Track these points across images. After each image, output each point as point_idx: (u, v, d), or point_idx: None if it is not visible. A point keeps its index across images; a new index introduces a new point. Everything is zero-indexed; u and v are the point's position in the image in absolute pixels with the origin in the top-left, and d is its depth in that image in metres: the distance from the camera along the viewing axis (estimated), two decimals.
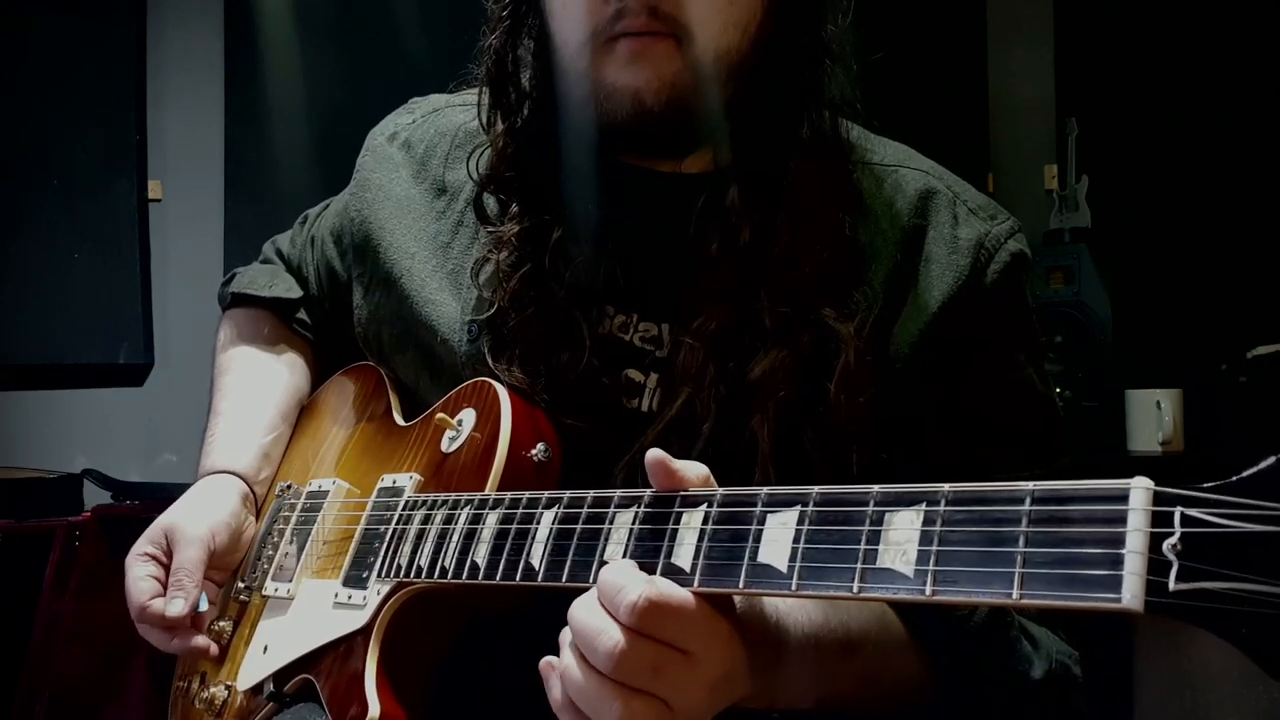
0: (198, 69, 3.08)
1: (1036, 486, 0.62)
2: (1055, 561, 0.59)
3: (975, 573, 0.62)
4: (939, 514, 0.65)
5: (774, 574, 0.71)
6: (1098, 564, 0.58)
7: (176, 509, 1.18)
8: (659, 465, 0.80)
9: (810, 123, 1.02)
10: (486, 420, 1.00)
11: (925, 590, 0.64)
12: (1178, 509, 0.56)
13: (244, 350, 1.33)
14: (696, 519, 0.77)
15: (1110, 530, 0.58)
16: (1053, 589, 0.59)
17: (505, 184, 1.07)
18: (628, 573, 0.75)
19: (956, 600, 0.63)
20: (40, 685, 2.38)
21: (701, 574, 0.75)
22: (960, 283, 1.00)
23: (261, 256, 1.42)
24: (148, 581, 1.12)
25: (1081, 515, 0.59)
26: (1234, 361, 2.67)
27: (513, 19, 1.06)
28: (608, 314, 1.04)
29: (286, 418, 1.30)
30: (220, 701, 1.12)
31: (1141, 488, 0.58)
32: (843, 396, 0.95)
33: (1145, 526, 0.57)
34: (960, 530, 0.64)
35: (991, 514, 0.63)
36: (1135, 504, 0.57)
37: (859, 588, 0.67)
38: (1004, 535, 0.62)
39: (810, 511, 0.72)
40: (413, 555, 0.96)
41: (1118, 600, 0.56)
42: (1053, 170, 3.24)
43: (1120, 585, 0.56)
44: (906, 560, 0.65)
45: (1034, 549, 0.60)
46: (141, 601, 1.10)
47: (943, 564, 0.64)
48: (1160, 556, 0.56)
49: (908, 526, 0.66)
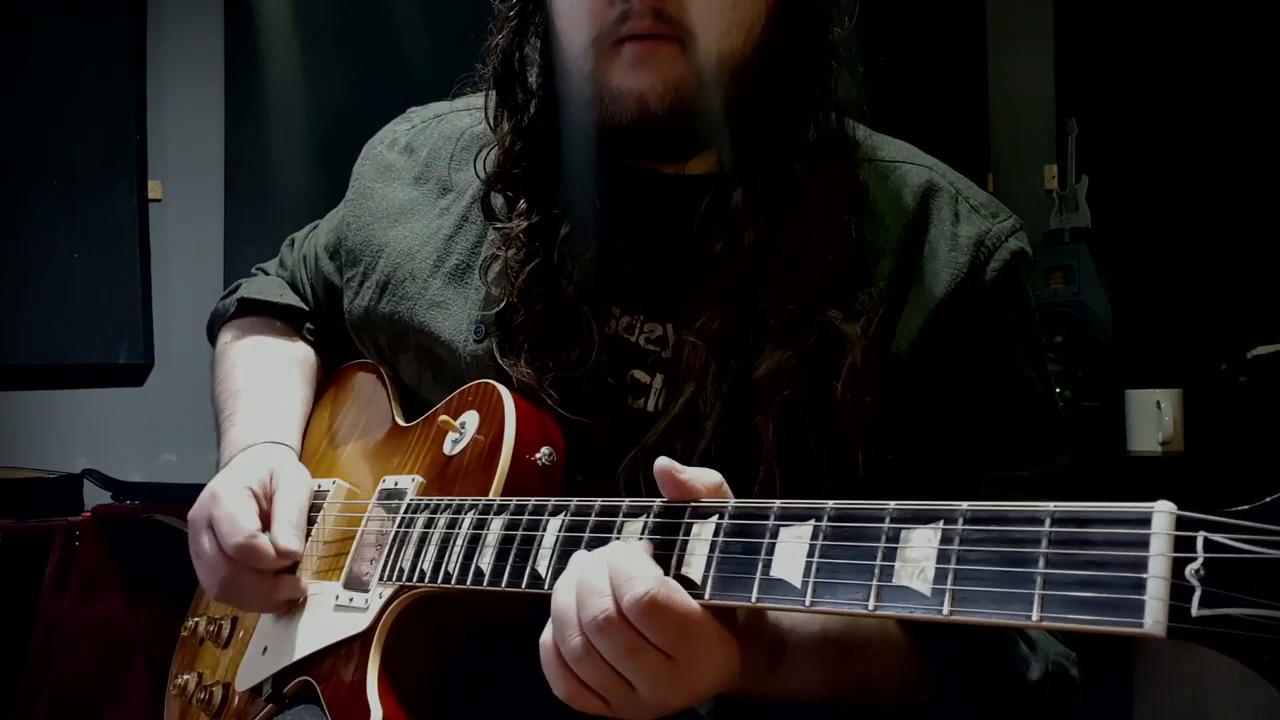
0: (198, 69, 3.07)
1: (1057, 507, 0.62)
2: (1076, 584, 0.59)
3: (995, 593, 0.62)
4: (957, 533, 0.65)
5: (787, 589, 0.71)
6: (1120, 587, 0.57)
7: (272, 456, 1.13)
8: (666, 475, 0.79)
9: (815, 124, 1.02)
10: (490, 423, 1.00)
11: (943, 610, 0.63)
12: (1200, 534, 0.56)
13: (256, 342, 1.31)
14: (708, 530, 0.77)
15: (1133, 554, 0.57)
16: (1073, 611, 0.59)
17: (512, 181, 1.07)
18: (641, 562, 0.75)
19: (975, 621, 0.62)
20: (40, 685, 2.37)
21: (713, 587, 0.74)
22: (959, 280, 1.00)
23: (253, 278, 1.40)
24: (254, 518, 1.04)
25: (1103, 538, 0.59)
26: (1234, 361, 2.66)
27: (520, 19, 1.06)
28: (614, 315, 1.04)
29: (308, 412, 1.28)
30: (218, 701, 1.11)
31: (1164, 512, 0.57)
32: (849, 396, 0.95)
33: (1168, 551, 0.56)
34: (979, 550, 0.64)
35: (1011, 534, 0.63)
36: (1158, 528, 0.57)
37: (875, 605, 0.66)
38: (1024, 556, 0.61)
39: (825, 526, 0.71)
40: (415, 559, 0.95)
41: (1140, 625, 0.56)
42: (1053, 170, 3.23)
43: (1143, 610, 0.56)
44: (924, 579, 0.65)
45: (1054, 570, 0.60)
46: (251, 530, 1.03)
47: (961, 583, 0.63)
48: (1183, 581, 0.55)
49: (925, 544, 0.66)
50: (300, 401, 1.26)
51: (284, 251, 1.39)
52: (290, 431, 1.20)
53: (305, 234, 1.37)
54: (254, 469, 1.10)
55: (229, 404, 1.24)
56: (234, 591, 1.06)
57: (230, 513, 1.04)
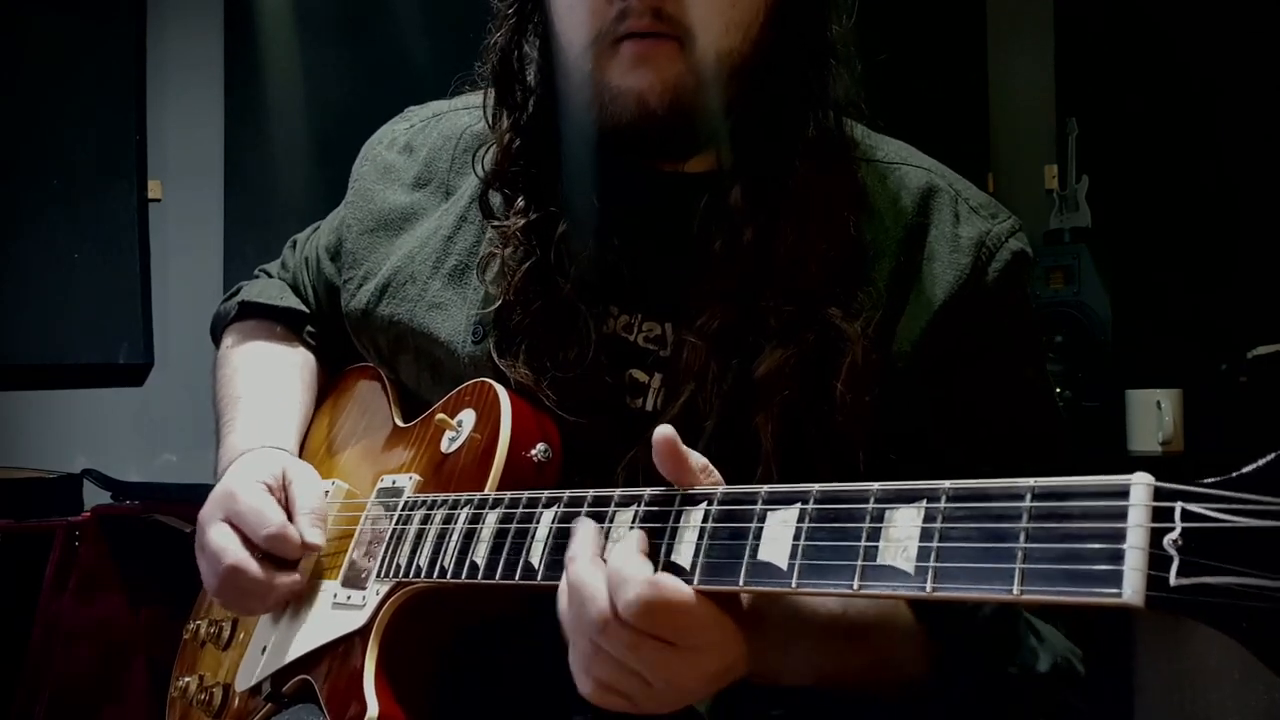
0: (198, 69, 3.07)
1: (1037, 483, 0.62)
2: (1056, 557, 0.60)
3: (975, 569, 0.62)
4: (939, 511, 0.66)
5: (774, 572, 0.71)
6: (1098, 559, 0.58)
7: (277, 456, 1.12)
8: (668, 444, 0.79)
9: (814, 123, 1.02)
10: (486, 421, 1.00)
11: (926, 587, 0.64)
12: (1178, 504, 0.56)
13: (257, 347, 1.31)
14: (697, 517, 0.77)
15: (1111, 526, 0.58)
16: (1053, 585, 0.59)
17: (510, 179, 1.07)
18: (633, 561, 0.75)
19: (957, 596, 0.63)
20: (40, 685, 2.38)
21: (702, 573, 0.75)
22: (961, 281, 1.00)
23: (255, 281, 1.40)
24: (279, 510, 1.04)
25: (1081, 511, 0.60)
26: (1234, 361, 2.67)
27: (518, 17, 1.06)
28: (611, 314, 1.04)
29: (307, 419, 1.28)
30: (218, 702, 1.12)
31: (1142, 483, 0.58)
32: (848, 395, 0.95)
33: (1146, 522, 0.57)
34: (961, 527, 0.64)
35: (992, 510, 0.63)
36: (1136, 499, 0.58)
37: (859, 585, 0.67)
38: (1004, 531, 0.62)
39: (810, 509, 0.72)
40: (412, 555, 0.95)
41: (1118, 595, 0.56)
42: (1053, 170, 3.24)
43: (1121, 580, 0.56)
44: (907, 557, 0.66)
45: (1034, 545, 0.61)
46: (280, 520, 1.02)
47: (943, 560, 0.64)
48: (1161, 551, 0.56)
49: (908, 524, 0.67)
50: (299, 407, 1.25)
51: (285, 253, 1.39)
52: (288, 438, 1.20)
53: (306, 235, 1.37)
54: (265, 466, 1.09)
55: (228, 410, 1.24)
56: (234, 589, 1.04)
57: (255, 506, 1.03)
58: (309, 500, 1.05)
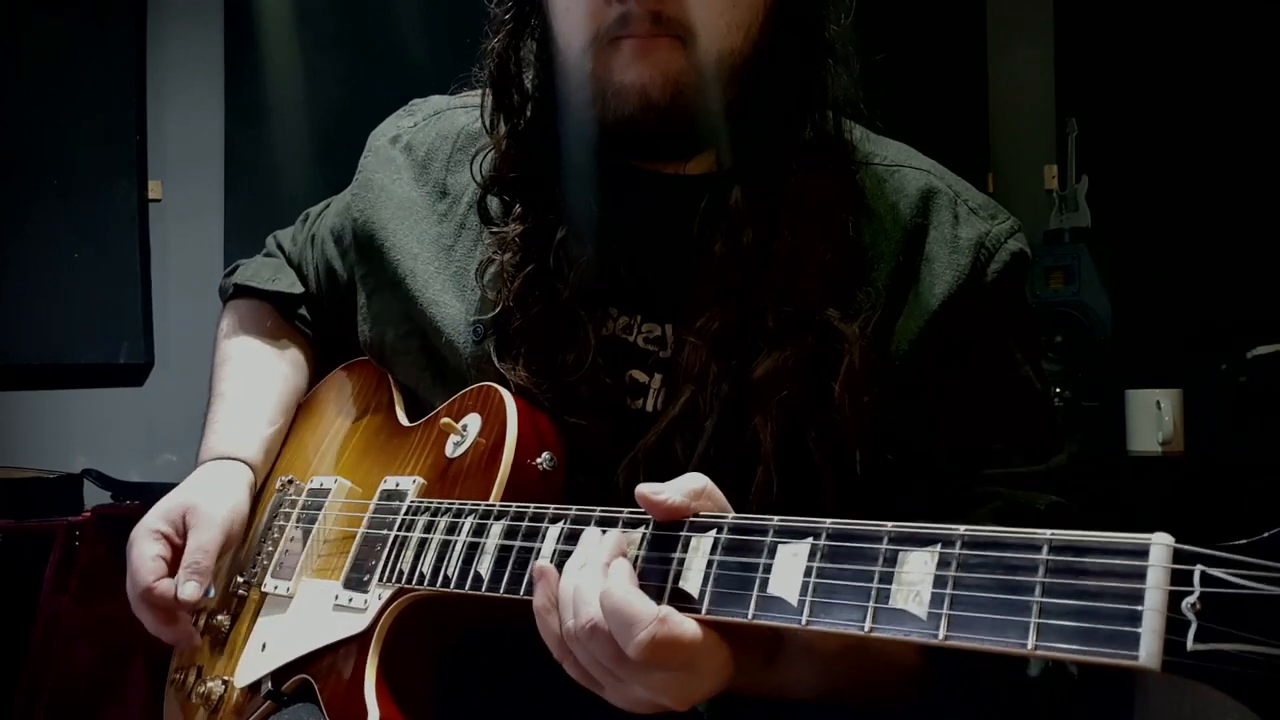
0: (198, 69, 3.08)
1: (1054, 535, 0.61)
2: (1072, 613, 0.59)
3: (990, 620, 0.62)
4: (954, 557, 0.65)
5: (785, 607, 0.71)
6: (1115, 619, 0.57)
7: (192, 489, 1.17)
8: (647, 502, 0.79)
9: (813, 124, 1.02)
10: (492, 427, 0.99)
11: (939, 634, 0.63)
12: (1198, 568, 0.55)
13: (246, 340, 1.34)
14: (705, 545, 0.77)
15: (1129, 585, 0.57)
16: (1069, 641, 0.59)
17: (508, 185, 1.07)
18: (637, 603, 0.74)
19: (971, 646, 0.62)
20: (40, 685, 2.37)
21: (710, 602, 0.74)
22: (961, 282, 1.00)
23: (264, 250, 1.42)
24: (156, 561, 1.10)
25: (1100, 568, 0.59)
26: (1234, 361, 2.67)
27: (515, 21, 1.06)
28: (611, 315, 1.04)
29: (286, 412, 1.30)
30: (217, 697, 1.11)
31: (1162, 544, 0.57)
32: (847, 397, 0.95)
33: (1165, 584, 0.56)
34: (975, 575, 0.63)
35: (1007, 560, 0.62)
36: (1155, 560, 0.57)
37: (870, 627, 0.66)
38: (1020, 584, 0.61)
39: (823, 546, 0.71)
40: (415, 562, 0.95)
41: (1135, 658, 0.56)
42: (1053, 170, 3.24)
43: (1138, 643, 0.56)
44: (920, 601, 0.65)
45: (1051, 599, 0.60)
46: (148, 581, 1.08)
47: (957, 608, 0.63)
48: (1179, 615, 0.55)
49: (921, 567, 0.66)
50: (275, 410, 1.28)
51: (297, 225, 1.40)
52: (258, 444, 1.24)
53: (319, 210, 1.38)
54: (175, 504, 1.14)
55: (212, 405, 1.29)
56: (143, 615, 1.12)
57: (134, 558, 1.10)
58: (192, 555, 1.10)
